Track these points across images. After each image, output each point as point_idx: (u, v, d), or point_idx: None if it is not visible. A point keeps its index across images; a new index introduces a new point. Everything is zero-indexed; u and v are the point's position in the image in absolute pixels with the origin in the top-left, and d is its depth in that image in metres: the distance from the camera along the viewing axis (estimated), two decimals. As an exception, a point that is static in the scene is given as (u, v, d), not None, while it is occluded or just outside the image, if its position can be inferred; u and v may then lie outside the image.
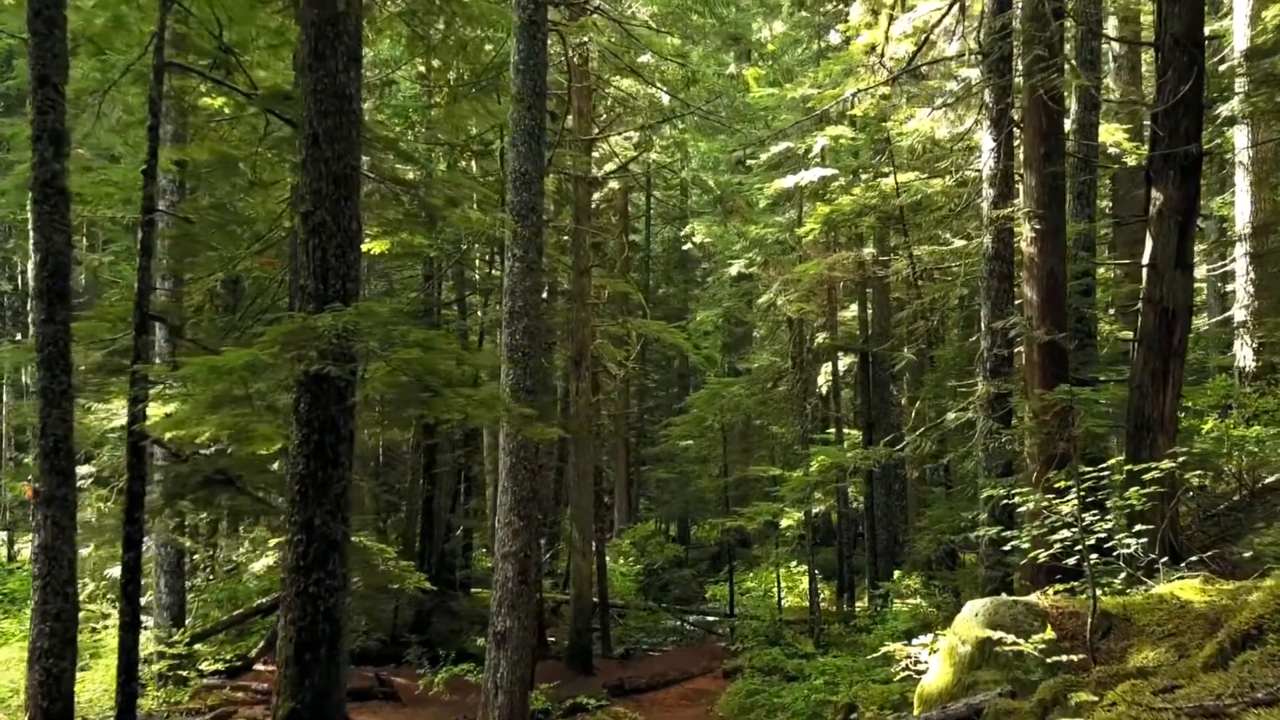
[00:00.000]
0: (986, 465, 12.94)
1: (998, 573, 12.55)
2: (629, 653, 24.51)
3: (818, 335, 27.96)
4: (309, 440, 6.84)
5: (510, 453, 14.15)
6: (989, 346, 13.29)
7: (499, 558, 14.22)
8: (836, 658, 17.36)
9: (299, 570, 6.77)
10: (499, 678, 13.98)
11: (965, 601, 17.64)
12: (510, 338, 14.29)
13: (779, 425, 28.79)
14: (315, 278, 6.91)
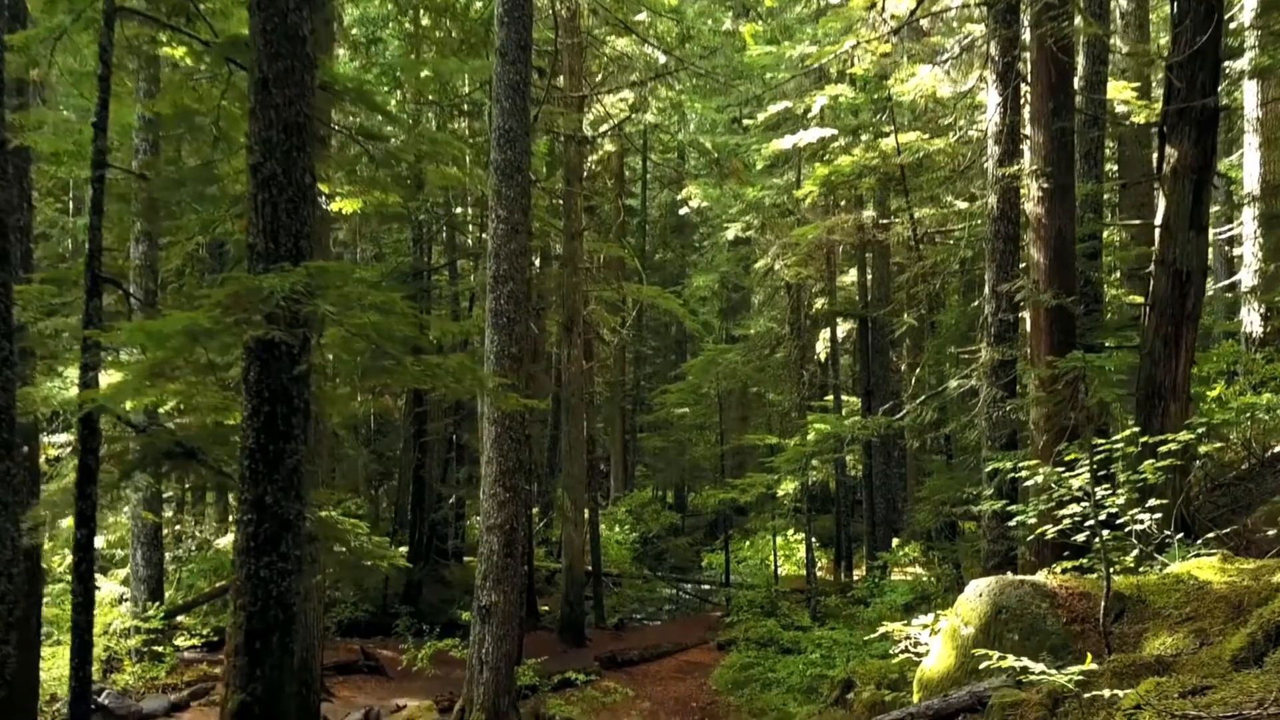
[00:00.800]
0: (990, 435, 12.42)
1: (1000, 546, 12.06)
2: (622, 623, 24.11)
3: (816, 300, 27.41)
4: (259, 412, 6.30)
5: (495, 422, 13.62)
6: (993, 311, 12.73)
7: (484, 530, 13.72)
8: (833, 630, 16.92)
9: (249, 552, 6.26)
10: (484, 653, 13.52)
11: (966, 573, 17.20)
12: (495, 303, 13.72)
13: (776, 392, 28.28)
14: (265, 236, 6.35)
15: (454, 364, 6.77)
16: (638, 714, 15.65)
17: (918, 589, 16.74)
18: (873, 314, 24.43)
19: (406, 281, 25.66)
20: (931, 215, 20.13)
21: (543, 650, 20.06)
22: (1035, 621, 7.71)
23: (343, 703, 15.42)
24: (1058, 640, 7.59)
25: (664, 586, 29.72)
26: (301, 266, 5.96)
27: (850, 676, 14.62)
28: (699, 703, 16.91)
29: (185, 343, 5.97)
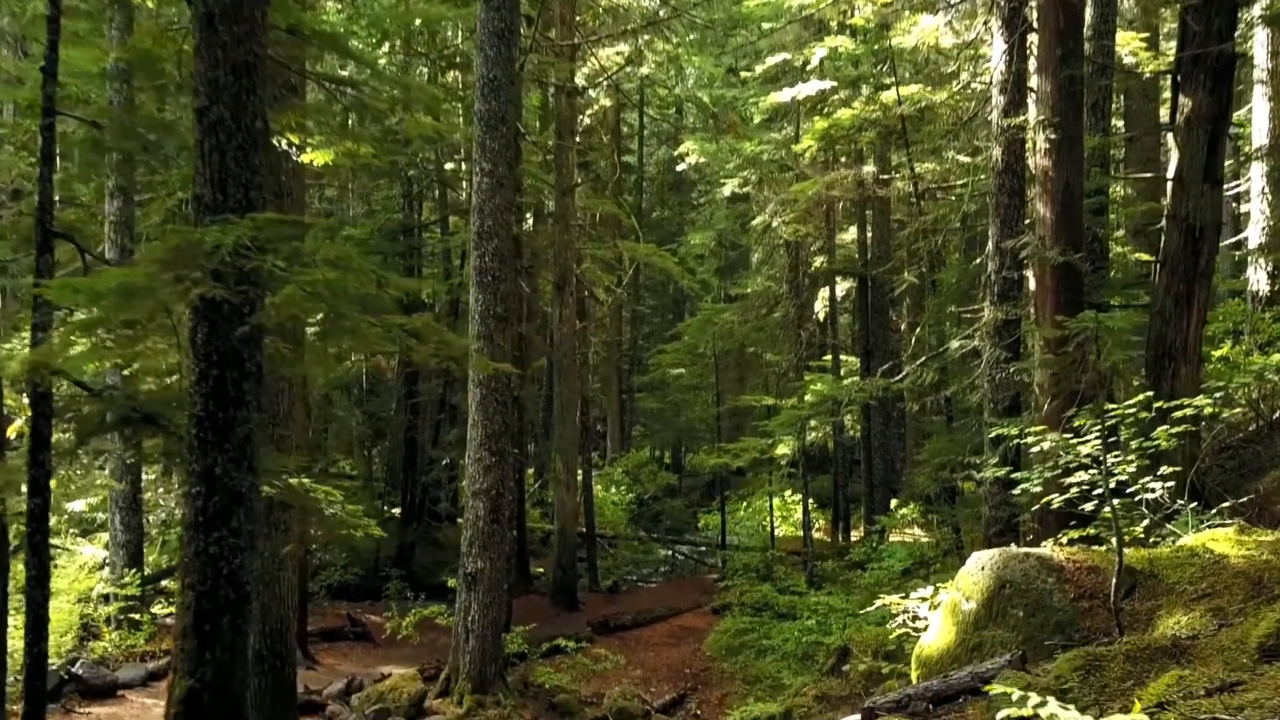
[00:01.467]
0: (992, 398, 11.97)
1: (1003, 513, 11.64)
2: (616, 586, 23.78)
3: (815, 259, 26.87)
4: (207, 376, 5.82)
5: (480, 385, 13.16)
6: (997, 269, 12.23)
7: (470, 495, 13.31)
8: (829, 595, 16.56)
9: (198, 527, 5.80)
10: (470, 621, 13.17)
11: (966, 538, 16.83)
12: (479, 260, 13.23)
13: (774, 352, 27.78)
14: (212, 186, 5.84)
15: (419, 325, 6.28)
16: (629, 681, 15.30)
17: (916, 553, 16.36)
18: (872, 272, 23.92)
19: (396, 239, 25.12)
20: (933, 171, 19.56)
21: (535, 615, 19.73)
22: (1041, 597, 7.28)
23: (327, 670, 15.08)
24: (1064, 618, 7.17)
25: (660, 548, 29.41)
26: (248, 219, 5.47)
27: (847, 645, 14.28)
28: (692, 669, 16.58)
29: (120, 301, 5.49)
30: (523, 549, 21.65)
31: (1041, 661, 6.94)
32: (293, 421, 10.25)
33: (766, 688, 14.73)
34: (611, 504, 32.68)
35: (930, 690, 6.84)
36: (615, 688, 14.63)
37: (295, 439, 10.36)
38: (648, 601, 21.52)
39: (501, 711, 13.00)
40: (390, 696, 12.71)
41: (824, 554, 22.88)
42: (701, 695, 15.26)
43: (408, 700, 12.65)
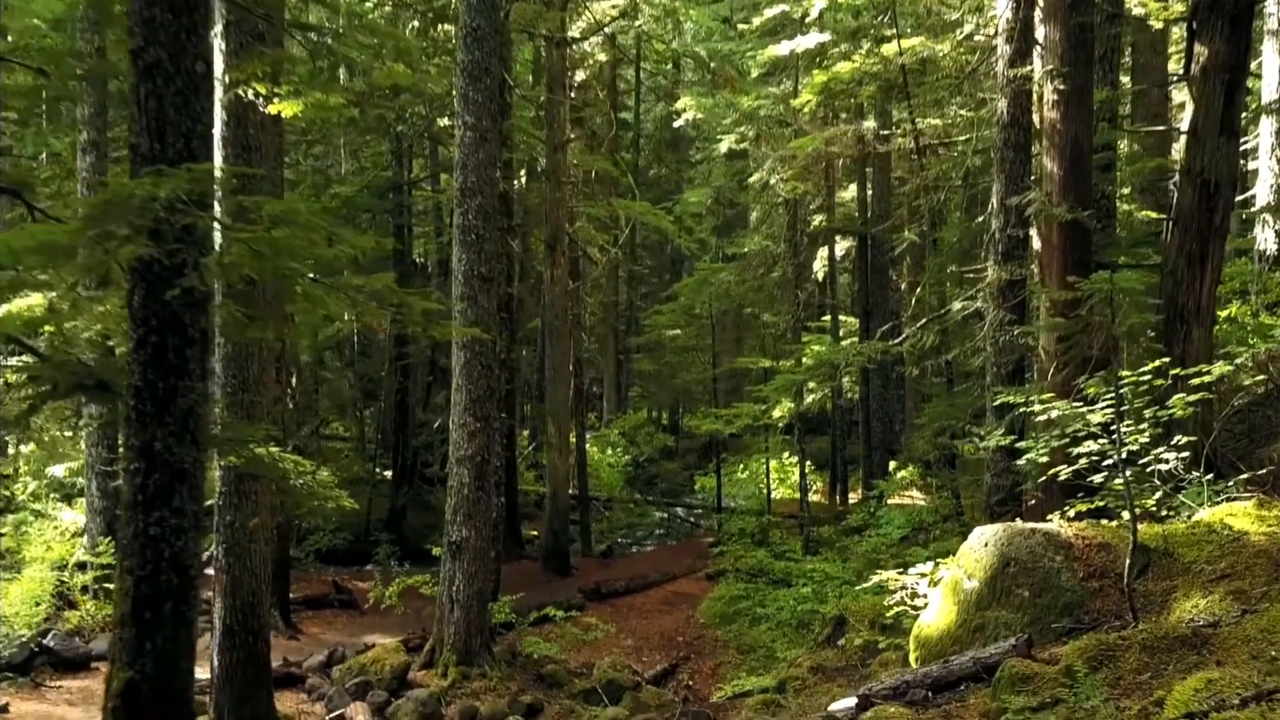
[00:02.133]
0: (995, 362, 11.48)
1: (1005, 481, 11.19)
2: (611, 550, 23.44)
3: (814, 217, 26.30)
4: (145, 343, 5.34)
5: (464, 347, 12.68)
6: (1001, 227, 11.71)
7: (454, 462, 12.88)
8: (826, 562, 16.17)
9: (137, 507, 5.35)
10: (455, 591, 12.77)
11: (966, 505, 16.42)
12: (463, 218, 12.70)
13: (772, 313, 27.25)
14: (149, 135, 5.32)
15: (379, 285, 5.79)
16: (620, 651, 14.94)
17: (914, 519, 15.96)
18: (872, 230, 23.37)
19: (385, 196, 24.55)
20: (935, 127, 18.95)
21: (526, 580, 19.37)
22: (1048, 577, 6.86)
23: (310, 640, 14.71)
24: (1073, 598, 6.75)
25: (655, 511, 29.06)
26: (183, 169, 4.96)
27: (843, 615, 13.91)
28: (685, 637, 16.23)
29: (41, 260, 5.00)
30: (513, 513, 21.28)
31: (1049, 644, 6.53)
32: (263, 387, 9.78)
33: (760, 658, 14.39)
34: (607, 466, 32.31)
35: (930, 676, 6.43)
36: (605, 658, 14.27)
37: (266, 405, 9.90)
38: (641, 566, 21.16)
39: (487, 683, 12.64)
40: (373, 668, 12.34)
41: (821, 518, 22.51)
42: (694, 665, 14.91)
43: (390, 672, 12.28)
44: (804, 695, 12.03)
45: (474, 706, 12.09)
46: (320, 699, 11.74)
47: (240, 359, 9.62)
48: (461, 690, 12.43)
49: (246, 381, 9.65)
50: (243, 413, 9.58)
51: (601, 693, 12.92)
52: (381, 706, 11.64)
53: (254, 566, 9.76)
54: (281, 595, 14.88)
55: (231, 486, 9.66)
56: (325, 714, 11.40)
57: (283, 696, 11.76)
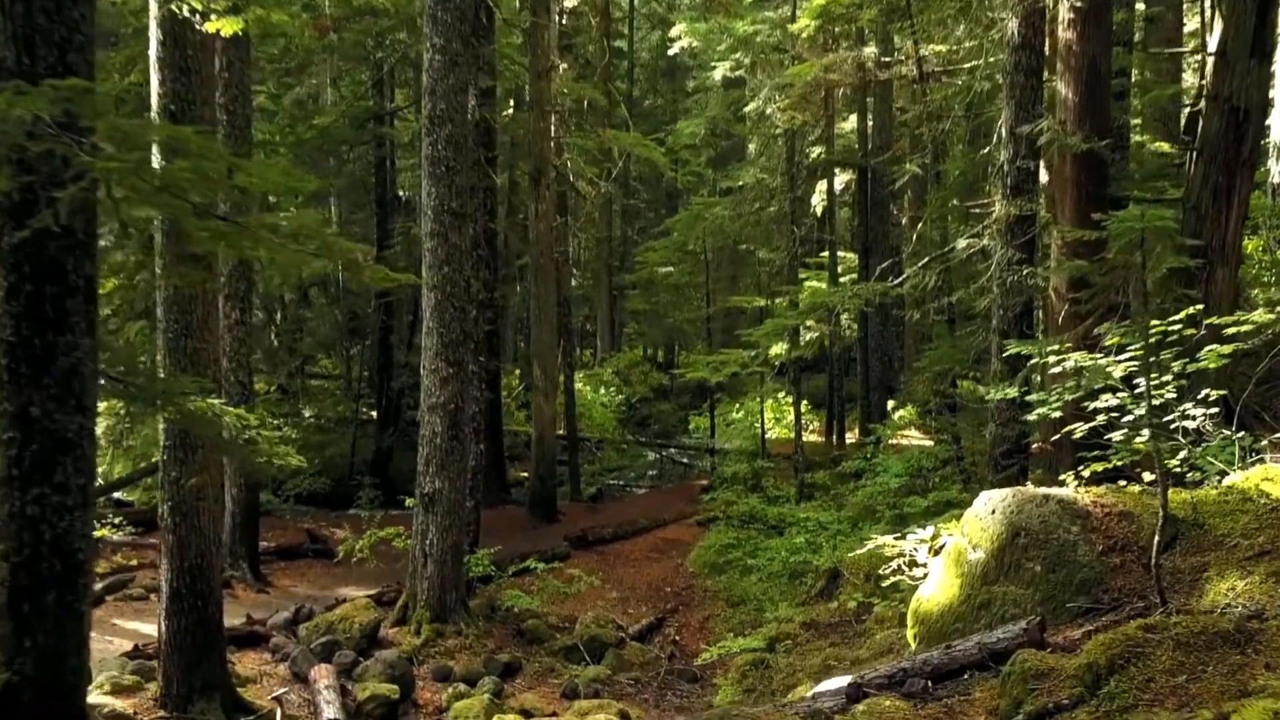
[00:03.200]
0: (1002, 303, 10.69)
1: (1011, 431, 10.46)
2: (600, 494, 22.83)
3: (812, 149, 25.30)
4: (19, 292, 4.57)
5: (434, 288, 11.89)
6: (1010, 158, 10.83)
7: (425, 410, 12.14)
8: (821, 509, 15.51)
9: (13, 483, 4.61)
10: (428, 545, 12.11)
11: (967, 449, 15.74)
12: (431, 149, 11.83)
13: (768, 249, 26.34)
14: (17, 45, 4.50)
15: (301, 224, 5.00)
16: (604, 604, 14.35)
17: (913, 465, 15.27)
18: (873, 163, 22.41)
19: (365, 126, 23.56)
20: (940, 52, 17.96)
21: (511, 527, 18.78)
22: (1063, 550, 6.14)
23: (280, 593, 14.09)
24: (1091, 575, 6.03)
25: (648, 452, 28.43)
26: (45, 85, 4.14)
27: (837, 567, 13.30)
28: (673, 587, 15.65)
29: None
30: (498, 458, 20.64)
31: (1064, 627, 5.84)
32: (207, 333, 9.00)
33: (750, 610, 13.81)
34: (600, 406, 31.63)
35: (929, 664, 5.74)
36: (589, 611, 13.67)
37: (212, 352, 9.13)
38: (631, 512, 20.56)
39: (463, 640, 12.03)
40: (341, 627, 11.70)
41: (817, 460, 21.86)
42: (682, 617, 14.34)
43: (359, 631, 11.65)
44: (795, 654, 11.45)
45: (448, 666, 11.49)
46: (284, 660, 11.10)
47: (183, 302, 8.82)
48: (435, 649, 11.83)
49: (190, 327, 8.86)
50: (185, 360, 8.81)
51: (583, 650, 12.33)
52: (349, 668, 11.01)
53: (202, 525, 9.03)
54: (250, 546, 14.24)
55: (176, 440, 8.92)
56: (288, 676, 10.78)
57: (244, 657, 11.16)
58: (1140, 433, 6.46)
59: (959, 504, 13.31)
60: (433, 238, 11.85)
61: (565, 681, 11.47)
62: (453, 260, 11.86)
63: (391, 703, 10.39)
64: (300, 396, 28.58)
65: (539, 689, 11.44)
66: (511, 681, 11.58)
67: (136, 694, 9.30)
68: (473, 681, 11.21)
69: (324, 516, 19.52)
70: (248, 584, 13.89)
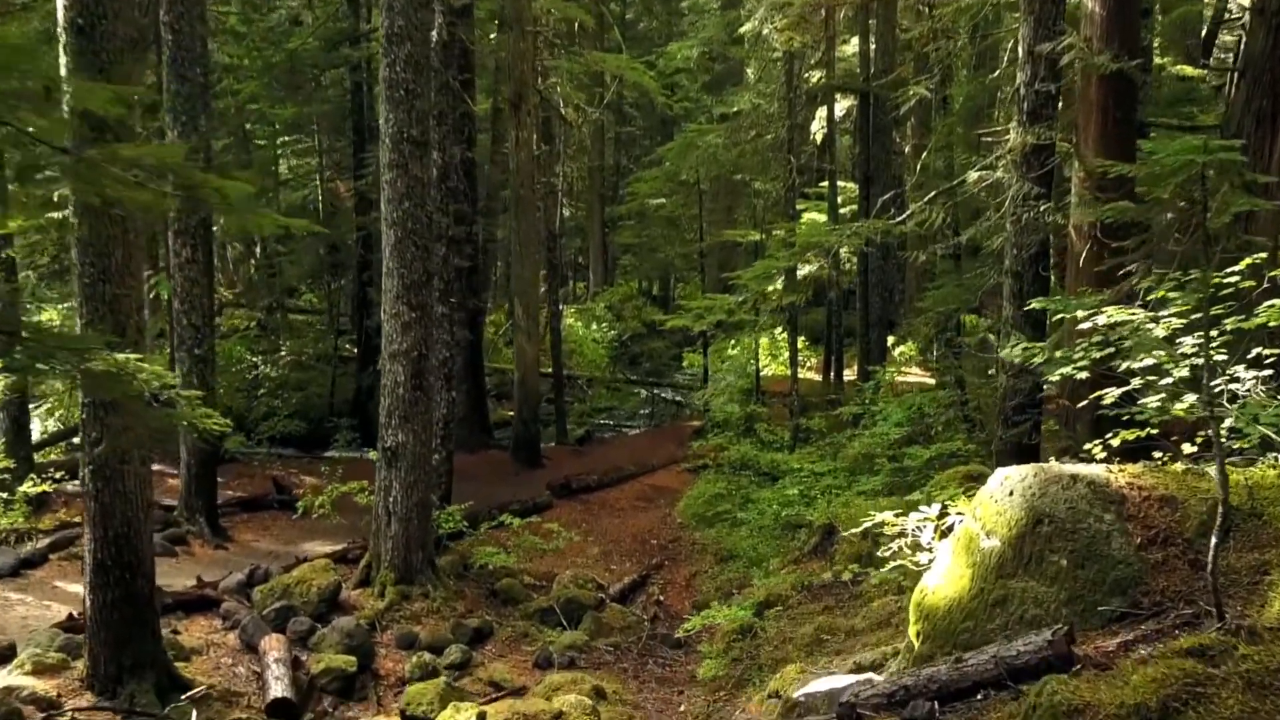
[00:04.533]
0: (1016, 243, 9.68)
1: (1024, 383, 9.52)
2: (589, 435, 21.99)
3: (812, 74, 24.04)
4: None
5: (394, 223, 10.88)
6: (1028, 80, 9.74)
7: (386, 357, 11.21)
8: (816, 459, 14.62)
9: None
10: (391, 502, 11.25)
11: (972, 396, 14.80)
12: (389, 70, 10.75)
13: (764, 180, 25.15)
14: None
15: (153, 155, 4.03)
16: (585, 560, 13.55)
17: (914, 412, 14.36)
18: (875, 88, 21.20)
19: (337, 49, 22.25)
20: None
21: (493, 473, 17.97)
22: (1094, 542, 5.23)
23: (240, 549, 13.25)
24: (1127, 573, 5.13)
25: (640, 391, 27.51)
26: None
27: (833, 523, 12.45)
28: (659, 540, 14.85)
29: None
30: (480, 401, 19.75)
31: (1095, 636, 4.96)
32: (129, 277, 8.02)
33: (740, 567, 13.01)
34: (591, 342, 30.73)
35: (936, 681, 4.86)
36: (568, 570, 12.86)
37: (135, 300, 8.16)
38: (619, 455, 19.72)
39: (430, 604, 11.22)
40: (298, 590, 10.87)
41: (813, 401, 20.98)
42: (667, 574, 13.54)
43: (317, 595, 10.82)
44: (785, 620, 10.64)
45: (413, 632, 10.70)
46: (234, 627, 10.27)
47: (100, 243, 7.82)
48: (400, 613, 11.04)
49: (108, 271, 7.86)
50: (104, 308, 7.84)
51: (560, 613, 11.54)
52: (305, 636, 10.21)
53: (128, 490, 8.13)
54: (208, 500, 13.38)
55: (96, 398, 7.98)
56: (238, 646, 9.96)
57: (193, 624, 10.37)
58: (1181, 398, 5.55)
59: (963, 457, 12.43)
60: (391, 169, 10.82)
61: (539, 649, 10.69)
62: (414, 194, 10.84)
63: (348, 676, 9.61)
64: (281, 332, 27.57)
65: (510, 657, 10.67)
66: (481, 648, 10.80)
67: (61, 674, 8.48)
68: (439, 649, 10.43)
69: (296, 462, 18.66)
70: (205, 540, 13.05)
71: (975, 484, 10.90)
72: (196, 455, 13.15)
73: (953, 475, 10.90)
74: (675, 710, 9.44)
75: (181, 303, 12.94)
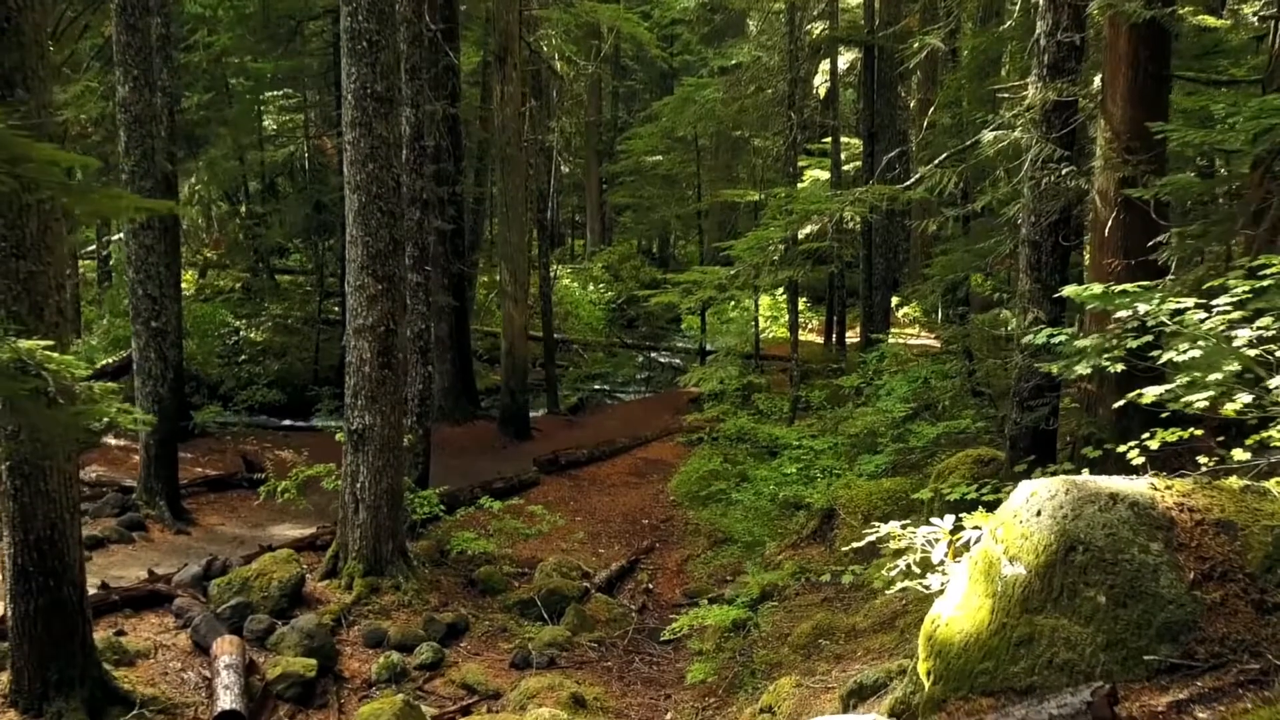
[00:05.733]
0: (1035, 209, 8.79)
1: (1041, 362, 8.65)
2: (581, 404, 21.22)
3: (815, 25, 22.99)
4: None
5: (359, 188, 10.02)
6: (1049, 29, 8.80)
7: (351, 333, 10.40)
8: (816, 438, 13.80)
9: None
10: (359, 488, 10.48)
11: (980, 371, 13.97)
12: (351, 20, 9.85)
13: (764, 137, 24.15)
14: None
15: None
16: (571, 544, 12.78)
17: (919, 388, 13.52)
18: (880, 40, 20.19)
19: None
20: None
21: (479, 446, 17.21)
22: (1138, 577, 4.41)
23: (203, 534, 12.49)
24: (1179, 615, 4.31)
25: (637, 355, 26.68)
26: None
27: (833, 505, 11.68)
28: (652, 520, 14.10)
29: None
30: (465, 370, 18.91)
31: (1141, 691, 4.17)
32: (47, 252, 7.18)
33: (736, 552, 12.27)
34: (588, 304, 29.87)
35: (951, 750, 4.06)
36: (552, 555, 12.12)
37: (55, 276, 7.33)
38: (612, 425, 18.95)
39: (401, 596, 10.49)
40: (257, 584, 10.12)
41: (814, 368, 20.16)
42: (658, 558, 12.79)
43: (278, 589, 10.06)
44: (782, 613, 9.92)
45: (381, 628, 9.97)
46: (187, 626, 9.54)
47: (11, 214, 6.97)
48: (368, 607, 10.31)
49: (22, 244, 7.02)
50: (17, 287, 7.01)
51: (541, 605, 10.79)
52: (262, 635, 9.49)
53: (50, 490, 7.35)
54: (169, 481, 12.59)
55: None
56: (189, 648, 9.22)
57: (141, 623, 9.62)
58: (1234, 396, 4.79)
59: (972, 436, 11.62)
60: (354, 128, 9.95)
61: (517, 646, 9.96)
62: (379, 155, 9.97)
63: (306, 681, 8.87)
64: (266, 294, 26.68)
65: (486, 655, 9.94)
66: (455, 645, 10.08)
67: (-18, 689, 7.75)
68: (409, 648, 9.71)
69: (273, 435, 17.86)
70: (165, 524, 12.29)
71: (986, 469, 10.11)
72: (156, 434, 12.35)
73: (961, 459, 10.08)
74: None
75: (136, 271, 12.09)
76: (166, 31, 14.71)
